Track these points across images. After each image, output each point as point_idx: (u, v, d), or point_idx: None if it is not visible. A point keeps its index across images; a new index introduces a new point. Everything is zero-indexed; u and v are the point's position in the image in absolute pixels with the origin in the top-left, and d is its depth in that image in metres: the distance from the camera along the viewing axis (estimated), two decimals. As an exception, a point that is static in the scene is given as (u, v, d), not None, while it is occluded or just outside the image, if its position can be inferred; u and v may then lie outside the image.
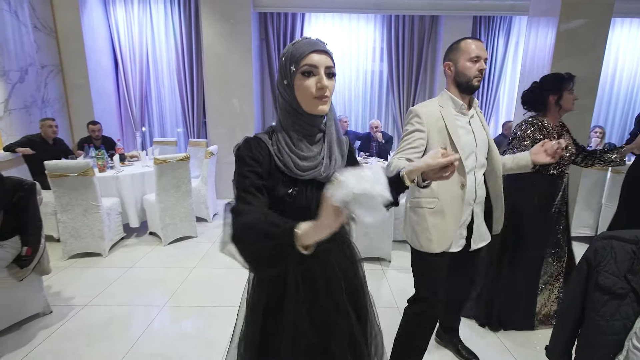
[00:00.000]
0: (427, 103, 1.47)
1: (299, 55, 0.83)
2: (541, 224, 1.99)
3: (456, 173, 1.33)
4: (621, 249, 1.20)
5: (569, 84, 1.88)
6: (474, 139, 1.44)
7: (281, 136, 0.89)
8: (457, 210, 1.41)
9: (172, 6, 5.09)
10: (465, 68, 1.37)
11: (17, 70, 4.00)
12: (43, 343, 1.94)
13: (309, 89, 0.84)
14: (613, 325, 1.18)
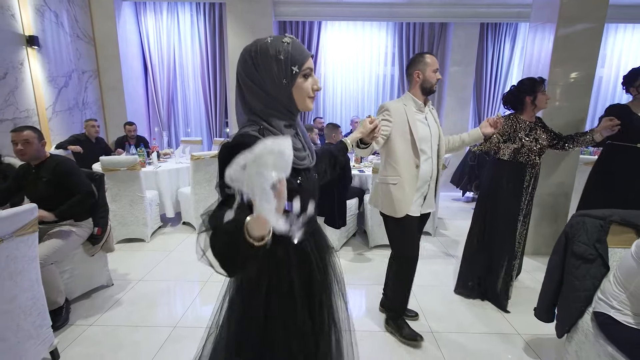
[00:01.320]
0: (394, 102, 1.88)
1: (302, 58, 0.87)
2: (512, 207, 2.25)
3: (413, 156, 1.81)
4: (591, 224, 1.52)
5: (541, 87, 2.19)
6: (429, 130, 1.86)
7: (273, 131, 0.90)
8: (413, 184, 1.83)
9: (198, 15, 5.48)
10: (431, 77, 1.79)
11: (62, 76, 4.43)
12: (110, 308, 2.31)
13: (307, 89, 0.90)
14: (584, 284, 1.50)
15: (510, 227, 2.26)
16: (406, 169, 1.82)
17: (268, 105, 0.90)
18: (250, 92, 0.90)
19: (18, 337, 1.59)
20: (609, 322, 1.34)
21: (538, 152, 2.22)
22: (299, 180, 0.92)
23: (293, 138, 0.93)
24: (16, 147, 2.02)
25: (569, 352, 1.59)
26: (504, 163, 2.26)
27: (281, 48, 0.86)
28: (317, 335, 0.98)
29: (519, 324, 2.15)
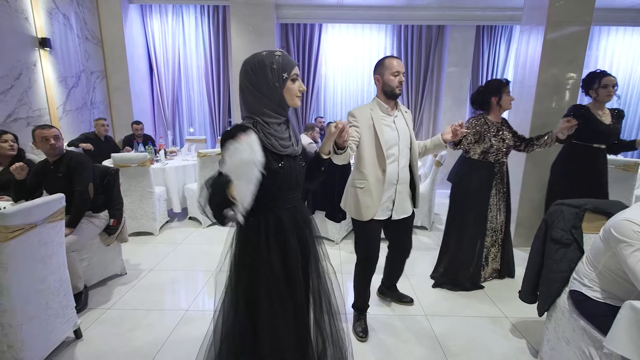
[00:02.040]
0: (361, 107, 1.87)
1: (290, 67, 1.14)
2: (481, 204, 2.39)
3: (379, 160, 1.80)
4: (568, 212, 1.68)
5: (506, 88, 2.27)
6: (397, 134, 1.84)
7: (264, 125, 1.15)
8: (380, 188, 1.83)
9: (202, 17, 5.64)
10: (389, 80, 1.77)
11: (72, 77, 4.59)
12: (125, 294, 2.47)
13: (295, 90, 1.17)
14: (561, 266, 1.66)
15: (479, 223, 2.40)
16: (372, 173, 1.82)
17: (263, 104, 1.16)
18: (250, 95, 1.16)
19: (48, 314, 1.75)
20: (581, 298, 1.50)
21: (505, 151, 2.36)
22: (281, 164, 1.17)
23: (280, 127, 1.20)
24: (48, 142, 2.17)
25: (548, 329, 1.75)
26: (474, 162, 2.38)
27: (274, 60, 1.13)
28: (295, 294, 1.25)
29: (506, 309, 2.30)
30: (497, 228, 2.51)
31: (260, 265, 1.20)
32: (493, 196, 2.42)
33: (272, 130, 1.15)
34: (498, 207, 2.45)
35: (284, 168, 1.17)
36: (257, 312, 1.21)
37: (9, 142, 2.58)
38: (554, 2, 3.05)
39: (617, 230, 1.31)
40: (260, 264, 1.20)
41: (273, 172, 1.13)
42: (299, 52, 5.59)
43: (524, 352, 1.92)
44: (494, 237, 2.52)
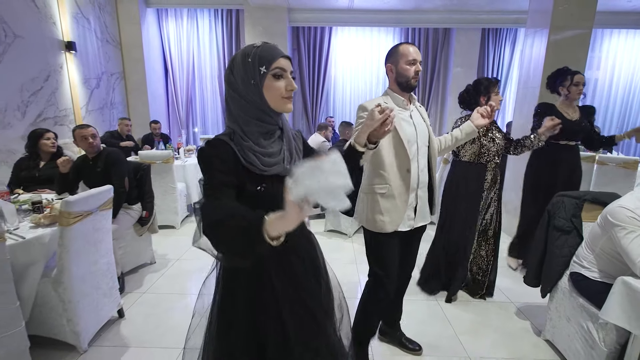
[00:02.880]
0: (373, 100, 1.59)
1: (270, 58, 0.88)
2: (473, 205, 2.27)
3: (401, 160, 1.55)
4: (569, 202, 1.86)
5: (495, 87, 2.16)
6: (415, 130, 1.59)
7: (242, 136, 0.90)
8: (405, 192, 1.57)
9: (216, 21, 5.84)
10: (404, 70, 1.51)
11: (94, 78, 4.80)
12: (157, 281, 2.66)
13: (279, 90, 0.89)
14: (563, 251, 1.83)
15: (469, 227, 2.29)
16: (395, 174, 1.56)
17: (245, 110, 0.91)
18: (230, 98, 0.93)
19: (98, 294, 1.95)
20: (580, 278, 1.68)
21: (496, 152, 2.23)
22: (260, 187, 0.90)
23: (267, 140, 0.94)
24: (87, 141, 2.37)
25: (550, 309, 1.93)
26: (465, 164, 2.27)
27: (250, 51, 0.89)
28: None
29: (511, 295, 2.48)
30: (488, 237, 2.37)
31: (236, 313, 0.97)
32: (484, 200, 2.30)
33: (250, 144, 0.89)
34: (490, 213, 2.33)
35: (264, 192, 0.90)
36: None
37: (51, 140, 2.78)
38: (557, 6, 3.21)
39: (612, 216, 1.48)
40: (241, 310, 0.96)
41: (248, 196, 0.89)
42: (309, 54, 5.78)
43: (528, 331, 2.10)
44: (484, 248, 2.38)
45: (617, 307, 1.38)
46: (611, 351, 1.51)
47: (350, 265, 3.00)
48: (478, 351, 1.92)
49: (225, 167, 0.86)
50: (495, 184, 2.30)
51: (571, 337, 1.75)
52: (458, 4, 4.96)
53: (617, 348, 1.49)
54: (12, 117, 3.53)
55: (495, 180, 2.29)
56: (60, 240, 1.69)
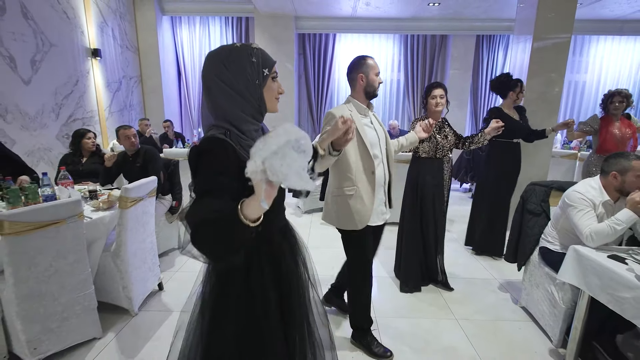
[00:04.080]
0: (339, 107, 1.75)
1: (271, 62, 0.96)
2: (439, 198, 2.49)
3: (366, 163, 1.70)
4: (539, 190, 2.23)
5: (429, 92, 2.40)
6: (376, 133, 1.76)
7: (240, 135, 0.91)
8: (371, 192, 1.72)
9: (227, 27, 6.22)
10: (373, 80, 1.71)
11: (115, 82, 5.18)
12: (186, 262, 3.03)
13: (275, 91, 0.97)
14: (534, 231, 2.20)
15: (440, 215, 2.51)
16: (361, 177, 1.71)
17: (239, 107, 0.91)
18: (221, 94, 0.90)
19: (144, 267, 2.32)
20: (546, 251, 2.05)
21: (449, 147, 2.49)
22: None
23: (255, 137, 0.94)
24: (129, 139, 2.75)
25: (524, 280, 2.30)
26: (424, 160, 2.46)
27: (252, 52, 0.92)
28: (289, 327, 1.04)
29: (495, 273, 2.85)
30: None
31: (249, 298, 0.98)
32: (444, 188, 2.53)
33: (249, 142, 0.89)
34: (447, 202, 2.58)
35: None
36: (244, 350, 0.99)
37: (92, 140, 3.15)
38: (540, 16, 3.54)
39: (567, 198, 1.85)
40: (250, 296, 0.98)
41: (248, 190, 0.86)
42: (314, 59, 6.16)
43: (507, 301, 2.47)
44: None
45: (570, 269, 1.75)
46: (568, 308, 1.88)
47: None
48: (464, 314, 2.29)
49: (224, 166, 0.84)
50: (449, 175, 2.56)
51: (540, 301, 2.12)
52: (454, 13, 5.32)
53: (573, 305, 1.85)
54: (47, 119, 3.91)
55: (448, 172, 2.54)
56: (120, 220, 2.06)
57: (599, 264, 1.58)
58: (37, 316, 1.70)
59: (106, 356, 1.88)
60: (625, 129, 2.96)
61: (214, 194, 0.81)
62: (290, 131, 0.66)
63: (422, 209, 2.49)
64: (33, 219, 1.60)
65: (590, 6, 4.88)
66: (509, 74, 3.03)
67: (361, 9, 5.24)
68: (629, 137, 2.96)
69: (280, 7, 5.24)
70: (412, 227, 2.52)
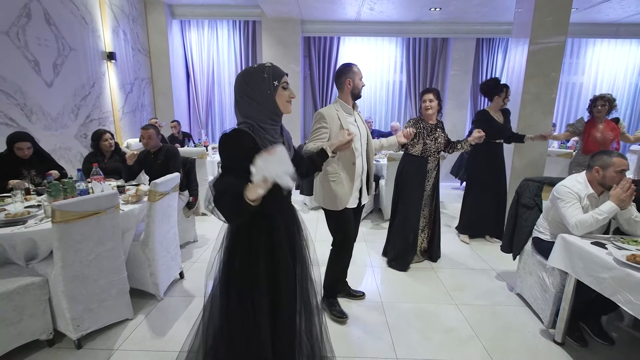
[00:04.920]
0: (328, 108, 2.06)
1: (280, 74, 1.23)
2: (417, 193, 2.81)
3: (348, 155, 1.99)
4: (532, 185, 2.42)
5: (422, 97, 2.73)
6: (359, 131, 2.07)
7: (260, 130, 1.20)
8: (350, 180, 2.04)
9: (234, 31, 6.41)
10: (359, 84, 2.06)
11: (128, 84, 5.38)
12: (203, 254, 3.22)
13: (286, 96, 1.24)
14: (528, 223, 2.39)
15: (416, 209, 2.82)
16: (344, 166, 2.01)
17: (258, 112, 1.21)
18: (246, 104, 1.21)
19: (168, 257, 2.52)
20: (537, 241, 2.24)
21: (436, 149, 2.78)
22: None
23: (276, 133, 1.28)
24: (143, 139, 2.96)
25: (519, 268, 2.49)
26: (413, 157, 2.80)
27: (265, 70, 1.22)
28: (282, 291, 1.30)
29: (492, 263, 3.04)
30: (426, 214, 2.93)
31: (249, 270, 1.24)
32: (426, 185, 2.84)
33: (268, 136, 1.21)
34: (430, 195, 2.89)
35: None
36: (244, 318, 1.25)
37: (109, 140, 3.35)
38: (536, 20, 3.70)
39: (556, 192, 2.04)
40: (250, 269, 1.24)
41: None
42: (319, 61, 6.35)
43: (503, 288, 2.66)
44: (424, 222, 2.95)
45: (558, 255, 1.94)
46: (557, 291, 2.07)
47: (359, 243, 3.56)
48: (464, 300, 2.48)
49: (245, 153, 1.11)
50: (433, 174, 2.84)
51: (532, 286, 2.32)
52: (454, 17, 5.51)
53: (561, 289, 2.04)
54: (67, 119, 4.11)
55: (433, 171, 2.82)
56: (148, 212, 2.26)
57: (583, 249, 1.78)
58: (80, 296, 1.90)
59: (138, 335, 2.08)
60: (608, 132, 3.14)
61: (232, 171, 1.13)
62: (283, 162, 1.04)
63: (402, 194, 2.86)
64: (79, 209, 1.80)
65: (585, 11, 5.06)
66: (497, 79, 3.23)
67: (365, 13, 5.43)
68: (611, 140, 3.14)
69: (287, 11, 5.44)
70: (394, 208, 2.95)
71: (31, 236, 1.86)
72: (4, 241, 1.83)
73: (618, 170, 1.84)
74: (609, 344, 2.00)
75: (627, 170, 1.86)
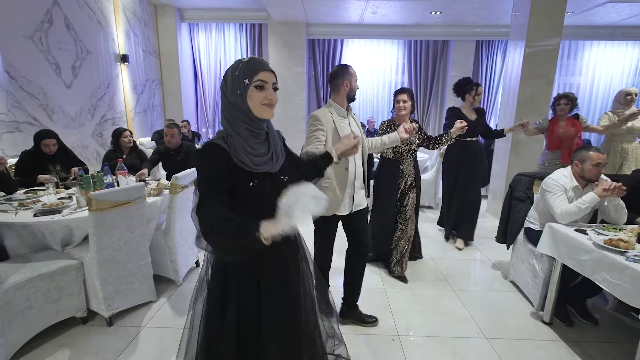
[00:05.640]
0: (322, 110, 1.95)
1: (253, 72, 1.01)
2: (391, 195, 2.75)
3: (342, 159, 1.70)
4: (524, 179, 2.61)
5: (396, 97, 2.63)
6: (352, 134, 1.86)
7: (234, 139, 1.02)
8: (343, 185, 1.93)
9: (240, 34, 6.62)
10: (355, 86, 1.95)
11: (140, 85, 5.59)
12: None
13: (260, 98, 1.03)
14: (520, 214, 2.58)
15: (390, 211, 2.77)
16: (336, 172, 1.91)
17: (233, 114, 1.05)
18: (223, 104, 1.08)
19: (186, 246, 2.72)
20: (528, 230, 2.42)
21: (409, 151, 2.70)
22: (253, 183, 1.03)
23: (256, 142, 1.07)
24: (167, 137, 3.16)
25: (512, 257, 2.67)
26: (386, 160, 2.77)
27: (238, 66, 1.04)
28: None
29: (488, 254, 3.23)
30: (407, 214, 2.75)
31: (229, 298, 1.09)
32: (402, 187, 2.74)
33: (244, 145, 1.03)
34: (407, 196, 2.75)
35: (257, 187, 1.04)
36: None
37: (128, 138, 3.55)
38: (532, 23, 3.87)
39: (545, 185, 2.23)
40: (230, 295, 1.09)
41: (242, 192, 1.03)
42: (324, 63, 6.55)
43: (498, 276, 2.84)
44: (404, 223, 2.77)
45: (546, 242, 2.13)
46: (546, 276, 2.25)
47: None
48: (461, 286, 2.67)
49: (219, 170, 0.98)
50: (412, 174, 2.75)
51: (524, 273, 2.50)
52: (455, 20, 5.70)
53: (549, 274, 2.22)
54: (84, 118, 4.32)
55: (410, 172, 2.74)
56: (170, 204, 2.46)
57: (567, 236, 1.96)
58: (111, 278, 2.10)
59: (162, 315, 2.27)
60: (569, 128, 3.28)
61: (210, 195, 0.97)
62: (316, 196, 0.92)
63: (377, 194, 2.85)
64: (112, 199, 2.00)
65: (582, 14, 5.24)
66: (468, 78, 3.28)
67: (368, 16, 5.62)
68: (572, 135, 3.26)
69: (293, 15, 5.64)
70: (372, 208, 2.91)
71: (68, 224, 2.06)
72: (43, 228, 2.03)
73: (594, 163, 2.03)
74: (593, 324, 2.19)
75: (603, 164, 2.04)
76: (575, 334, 2.13)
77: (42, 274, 1.91)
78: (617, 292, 1.62)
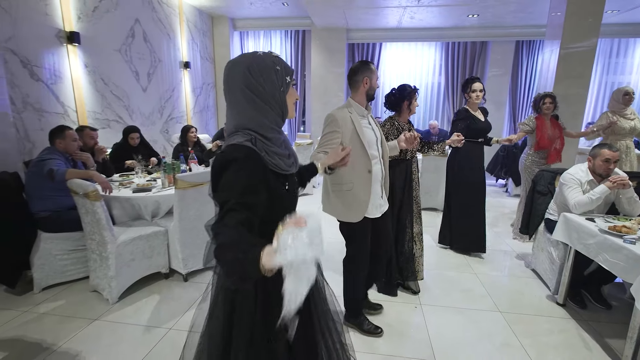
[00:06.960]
0: (340, 109, 1.83)
1: (291, 70, 1.00)
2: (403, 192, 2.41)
3: (363, 162, 1.76)
4: (547, 175, 2.82)
5: (414, 94, 2.38)
6: (374, 134, 1.87)
7: (265, 142, 0.94)
8: (368, 188, 1.81)
9: (286, 39, 7.16)
10: (375, 84, 1.85)
11: (198, 88, 6.31)
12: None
13: (294, 97, 1.02)
14: (542, 207, 2.79)
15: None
16: (358, 175, 1.81)
17: (264, 114, 0.94)
18: (248, 102, 0.92)
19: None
20: (548, 221, 2.64)
21: (404, 152, 2.34)
22: (286, 186, 0.99)
23: (281, 148, 0.98)
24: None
25: (533, 247, 2.89)
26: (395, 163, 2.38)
27: (275, 61, 0.95)
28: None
29: (514, 247, 3.43)
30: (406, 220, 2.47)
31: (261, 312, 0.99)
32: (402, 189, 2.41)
33: (275, 148, 0.96)
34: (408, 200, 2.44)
35: (290, 190, 1.01)
36: None
37: (194, 133, 4.18)
38: (568, 22, 3.92)
39: (562, 179, 2.45)
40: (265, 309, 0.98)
41: (280, 197, 0.97)
42: (362, 65, 6.89)
43: (521, 265, 3.06)
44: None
45: (560, 230, 2.36)
46: (561, 262, 2.46)
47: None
48: (483, 271, 2.93)
49: (257, 180, 0.87)
50: (411, 176, 2.43)
51: (543, 261, 2.71)
52: (492, 22, 5.80)
53: (564, 260, 2.44)
54: (155, 117, 5.06)
55: (410, 174, 2.43)
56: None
57: (578, 223, 2.19)
58: (188, 243, 2.65)
59: (224, 277, 2.79)
60: (554, 130, 3.34)
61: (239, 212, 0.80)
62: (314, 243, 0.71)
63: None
64: (192, 180, 2.54)
65: (627, 12, 5.13)
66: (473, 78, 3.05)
67: (406, 21, 5.89)
68: (557, 137, 3.32)
69: (334, 22, 6.06)
70: None
71: (157, 199, 2.65)
72: (140, 201, 2.63)
73: (603, 159, 2.22)
74: (606, 308, 2.37)
75: (614, 160, 2.22)
76: (587, 315, 2.33)
77: (141, 235, 2.50)
78: (615, 270, 1.85)
